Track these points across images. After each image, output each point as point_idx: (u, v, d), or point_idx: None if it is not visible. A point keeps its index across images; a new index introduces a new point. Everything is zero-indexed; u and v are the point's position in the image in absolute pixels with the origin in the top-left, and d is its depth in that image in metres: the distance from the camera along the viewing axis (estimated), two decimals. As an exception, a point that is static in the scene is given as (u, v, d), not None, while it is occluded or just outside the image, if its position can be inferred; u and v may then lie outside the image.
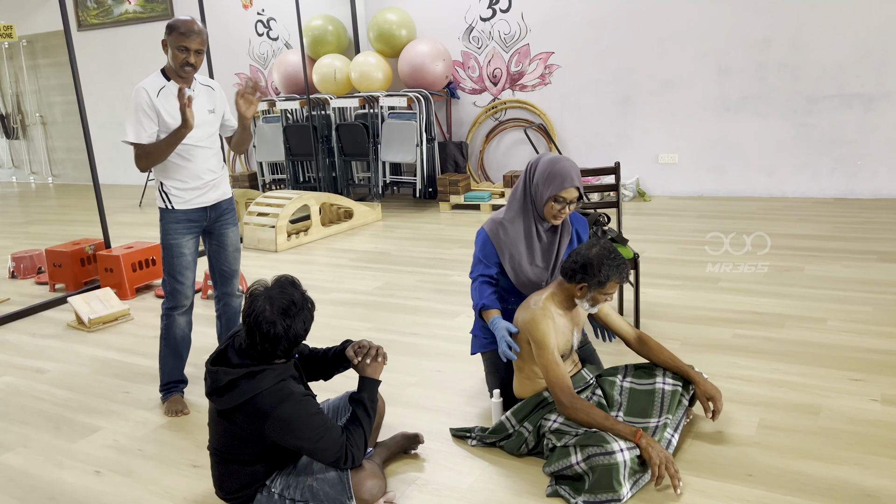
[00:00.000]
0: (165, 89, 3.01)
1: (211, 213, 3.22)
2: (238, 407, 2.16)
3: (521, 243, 2.83)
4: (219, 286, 3.37)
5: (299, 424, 2.15)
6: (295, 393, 2.18)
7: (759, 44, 6.40)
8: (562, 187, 2.72)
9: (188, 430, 2.99)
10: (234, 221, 3.32)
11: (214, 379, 2.19)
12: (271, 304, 2.15)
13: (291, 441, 2.16)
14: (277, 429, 2.14)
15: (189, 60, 2.98)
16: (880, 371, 3.05)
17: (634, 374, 2.73)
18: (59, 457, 2.84)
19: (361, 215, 6.77)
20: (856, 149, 6.27)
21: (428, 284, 4.72)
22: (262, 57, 8.93)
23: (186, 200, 3.12)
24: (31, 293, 5.23)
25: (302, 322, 2.18)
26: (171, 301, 3.18)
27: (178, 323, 3.21)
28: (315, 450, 2.18)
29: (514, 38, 7.43)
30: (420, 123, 7.19)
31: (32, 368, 3.78)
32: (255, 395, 2.14)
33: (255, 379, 2.16)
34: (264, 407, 2.14)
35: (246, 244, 6.17)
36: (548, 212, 2.79)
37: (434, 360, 3.50)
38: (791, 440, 2.57)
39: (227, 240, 3.29)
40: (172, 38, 2.97)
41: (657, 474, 2.28)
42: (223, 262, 3.32)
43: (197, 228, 3.18)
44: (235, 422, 2.19)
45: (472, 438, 2.70)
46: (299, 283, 2.27)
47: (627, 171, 7.12)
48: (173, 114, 3.00)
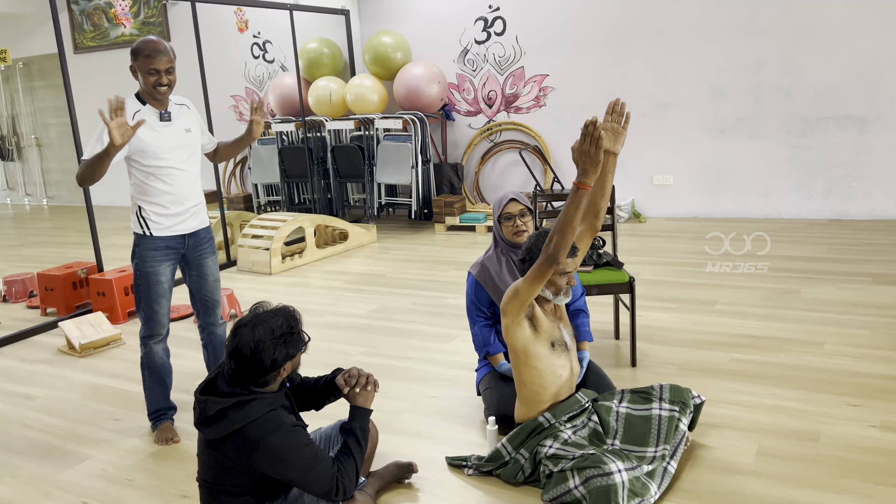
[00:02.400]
0: (140, 114, 2.94)
1: (189, 240, 3.11)
2: (227, 437, 2.12)
3: (503, 273, 3.02)
4: (202, 316, 3.26)
5: (289, 455, 2.11)
6: (285, 423, 2.14)
7: (753, 66, 6.44)
8: (502, 206, 3.05)
9: (178, 459, 2.94)
10: (213, 251, 3.21)
11: (203, 408, 2.15)
12: (253, 329, 2.12)
13: (281, 472, 2.12)
14: (267, 460, 2.10)
15: (161, 81, 2.92)
16: (878, 396, 3.02)
17: (631, 399, 2.70)
18: (47, 487, 2.78)
19: (356, 237, 6.75)
20: (850, 170, 6.29)
21: (423, 307, 4.69)
22: (258, 79, 8.95)
23: (165, 227, 3.02)
24: (22, 317, 5.18)
25: (284, 350, 2.14)
26: (148, 329, 3.09)
27: (156, 351, 3.13)
28: (305, 481, 2.14)
29: (509, 60, 7.47)
30: (415, 145, 7.19)
31: (21, 395, 3.73)
32: (245, 424, 2.10)
33: (244, 409, 2.12)
34: (254, 437, 2.10)
35: (240, 266, 6.14)
36: (507, 233, 3.07)
37: (429, 386, 3.46)
38: (790, 468, 2.53)
39: (206, 270, 3.18)
40: (140, 62, 2.89)
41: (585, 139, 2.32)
42: (204, 292, 3.21)
43: (175, 255, 3.08)
44: (224, 452, 2.14)
45: (469, 467, 2.66)
46: (294, 314, 2.22)
47: (622, 193, 7.13)
48: (144, 140, 2.91)
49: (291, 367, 2.23)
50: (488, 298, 3.04)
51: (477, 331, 3.07)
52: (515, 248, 3.06)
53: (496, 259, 3.07)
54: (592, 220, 2.73)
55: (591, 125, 2.29)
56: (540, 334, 2.61)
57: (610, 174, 2.65)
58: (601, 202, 2.70)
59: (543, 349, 2.61)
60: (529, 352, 2.59)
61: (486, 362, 3.11)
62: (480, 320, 3.06)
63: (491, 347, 3.04)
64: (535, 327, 2.60)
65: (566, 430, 2.56)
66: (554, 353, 2.63)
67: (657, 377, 3.35)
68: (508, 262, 3.05)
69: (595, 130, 2.29)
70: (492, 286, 3.02)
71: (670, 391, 2.66)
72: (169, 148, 2.98)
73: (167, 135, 2.99)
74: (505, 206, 3.05)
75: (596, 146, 2.31)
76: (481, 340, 3.06)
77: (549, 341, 2.62)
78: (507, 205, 3.05)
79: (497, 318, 3.08)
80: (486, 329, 3.05)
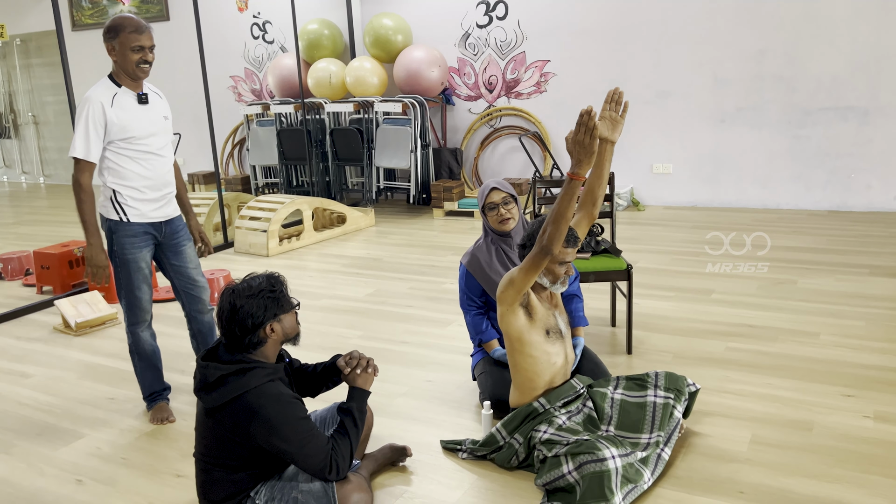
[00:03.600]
0: (118, 96, 2.86)
1: (165, 228, 3.04)
2: (226, 405, 2.13)
3: (493, 263, 3.03)
4: (187, 305, 3.17)
5: (285, 426, 2.11)
6: (284, 394, 2.16)
7: (755, 55, 6.41)
8: (485, 196, 3.04)
9: (173, 438, 2.94)
10: (189, 237, 3.13)
11: (204, 375, 2.16)
12: (234, 290, 2.18)
13: (276, 444, 2.12)
14: (263, 429, 2.11)
15: (146, 58, 2.84)
16: (873, 387, 3.03)
17: (626, 385, 2.70)
18: (41, 464, 2.78)
19: (354, 221, 6.74)
20: (850, 162, 6.28)
21: (420, 292, 4.69)
22: (257, 60, 8.89)
23: (143, 213, 2.94)
24: (18, 295, 5.17)
25: (263, 307, 2.15)
26: (132, 317, 3.04)
27: (143, 338, 3.09)
28: (299, 455, 2.13)
29: (511, 45, 7.42)
30: (415, 129, 7.16)
31: (17, 373, 3.72)
32: (244, 392, 2.12)
33: (244, 376, 2.13)
34: (252, 405, 2.10)
35: (237, 248, 6.13)
36: (493, 222, 3.05)
37: (425, 370, 3.46)
38: (783, 457, 2.54)
39: (186, 256, 3.10)
40: (122, 38, 2.79)
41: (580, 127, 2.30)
42: (186, 280, 3.12)
43: (153, 241, 3.01)
44: (222, 421, 2.15)
45: (463, 451, 2.67)
46: (278, 277, 2.25)
47: (621, 181, 7.11)
48: (127, 124, 2.85)
49: (282, 332, 2.23)
50: (479, 288, 3.06)
51: (470, 319, 3.10)
52: (505, 237, 3.07)
53: (486, 248, 3.07)
54: (590, 207, 2.72)
55: (586, 115, 2.28)
56: (535, 322, 2.60)
57: (607, 162, 2.64)
58: (598, 190, 2.69)
59: (538, 337, 2.61)
60: (524, 339, 2.59)
61: (481, 348, 3.12)
62: (473, 309, 3.09)
63: (484, 335, 3.06)
64: (530, 315, 2.60)
65: (561, 416, 2.56)
66: (548, 341, 2.63)
67: (653, 365, 3.36)
68: (498, 250, 3.05)
69: (590, 120, 2.28)
70: (482, 276, 3.03)
71: (665, 378, 2.66)
72: (149, 133, 2.93)
73: (146, 120, 2.92)
74: (488, 196, 3.04)
75: (590, 136, 2.30)
76: (474, 329, 3.09)
77: (543, 329, 2.62)
78: (489, 194, 3.03)
79: (489, 307, 3.10)
80: (478, 318, 3.08)
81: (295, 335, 2.30)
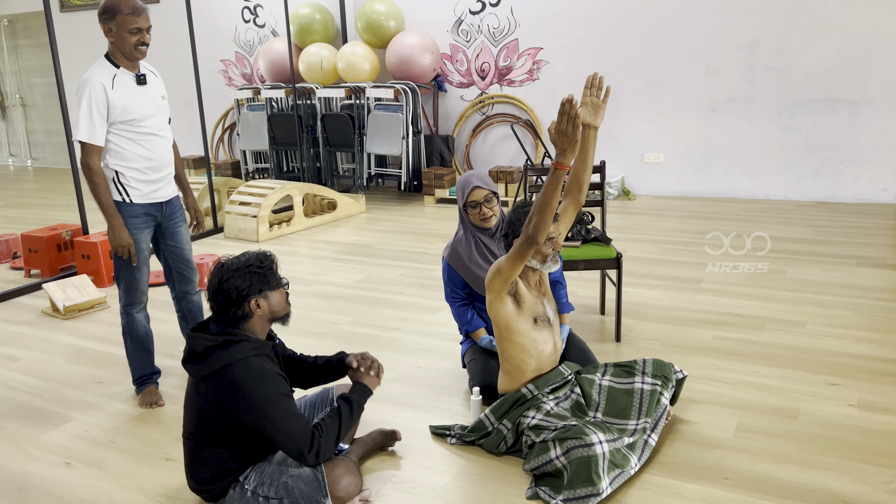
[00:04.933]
0: (118, 77, 2.88)
1: (165, 208, 3.08)
2: (210, 376, 2.15)
3: (473, 255, 3.01)
4: (178, 286, 3.21)
5: (267, 402, 2.12)
6: (267, 369, 2.17)
7: (747, 46, 6.42)
8: (465, 193, 2.97)
9: (162, 422, 2.94)
10: (183, 219, 3.19)
11: (191, 345, 2.19)
12: (223, 264, 2.23)
13: (257, 419, 2.12)
14: (245, 404, 2.11)
15: (143, 40, 2.87)
16: (857, 376, 3.06)
17: (614, 372, 2.72)
18: (29, 447, 2.78)
19: (345, 207, 6.72)
20: (839, 153, 6.31)
21: (410, 279, 4.69)
22: (248, 44, 8.83)
23: (145, 194, 2.98)
24: (6, 278, 5.14)
25: (249, 281, 2.18)
26: (129, 298, 3.06)
27: (138, 320, 3.11)
28: (280, 433, 2.13)
29: (503, 32, 7.40)
30: (406, 116, 7.14)
31: (4, 356, 3.71)
32: (228, 364, 2.13)
33: (230, 349, 2.15)
34: (235, 379, 2.12)
35: (227, 233, 6.11)
36: (474, 219, 3.01)
37: (414, 356, 3.47)
38: (768, 444, 2.57)
39: (180, 238, 3.15)
40: (119, 20, 2.81)
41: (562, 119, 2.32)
42: (180, 261, 3.17)
43: (152, 223, 3.05)
44: (206, 396, 2.16)
45: (452, 436, 2.68)
46: (268, 255, 2.27)
47: (612, 170, 7.12)
48: (129, 107, 2.87)
49: (269, 309, 2.24)
50: (462, 280, 3.06)
51: (455, 311, 3.12)
52: (484, 230, 3.05)
53: (465, 241, 3.04)
54: (576, 194, 2.72)
55: (568, 104, 2.28)
56: (523, 310, 2.61)
57: (591, 149, 2.64)
58: (583, 176, 2.69)
59: (526, 325, 2.62)
60: (512, 327, 2.60)
61: (468, 337, 3.14)
62: (457, 301, 3.11)
63: (470, 325, 3.07)
64: (518, 303, 2.61)
65: (549, 402, 2.58)
66: (536, 329, 2.64)
67: (641, 352, 3.38)
68: (477, 243, 3.03)
69: (571, 109, 2.28)
70: (463, 268, 3.03)
71: (653, 365, 2.68)
72: (149, 114, 2.95)
73: (145, 101, 2.94)
74: (469, 194, 2.97)
75: (573, 125, 2.30)
76: (460, 320, 3.10)
77: (531, 317, 2.63)
78: (471, 192, 2.97)
79: (474, 298, 3.11)
80: (462, 308, 3.09)
81: (284, 315, 2.31)
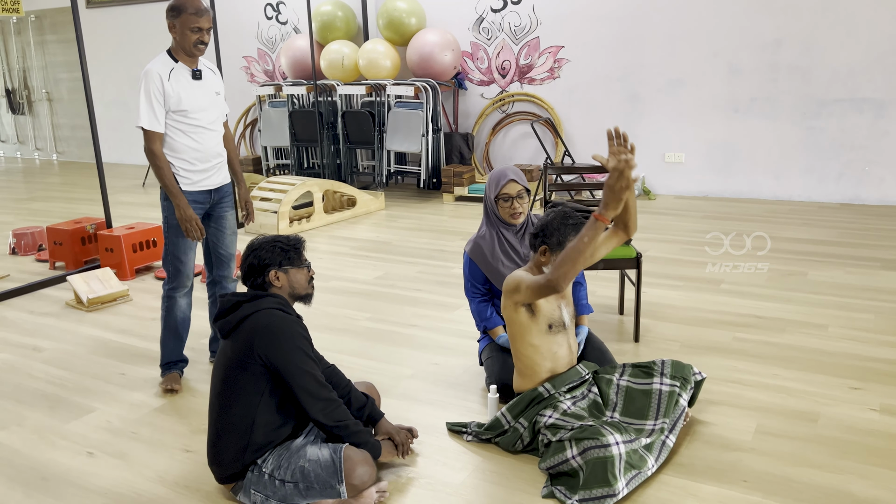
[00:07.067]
0: (175, 71, 3.04)
1: (214, 195, 3.24)
2: (237, 325, 2.28)
3: (495, 251, 3.00)
4: (215, 269, 3.36)
5: (287, 339, 2.25)
6: (292, 317, 2.33)
7: (771, 45, 6.35)
8: (500, 185, 2.96)
9: (183, 414, 2.98)
10: (232, 205, 3.34)
11: (222, 304, 2.34)
12: (257, 238, 2.43)
13: (279, 355, 2.23)
14: (266, 341, 2.23)
15: (203, 40, 3.03)
16: (880, 380, 3.03)
17: (632, 373, 2.71)
18: (53, 437, 2.83)
19: (364, 204, 6.75)
20: (864, 154, 6.23)
21: (428, 276, 4.70)
22: (271, 41, 8.88)
23: (194, 182, 3.13)
24: (31, 270, 5.22)
25: (272, 254, 2.37)
26: (173, 282, 3.21)
27: (180, 305, 3.24)
28: (299, 373, 2.24)
29: (525, 30, 7.38)
30: (426, 113, 7.15)
31: (29, 346, 3.77)
32: (254, 311, 2.29)
33: (257, 301, 2.32)
34: (260, 320, 2.27)
35: (248, 229, 6.15)
36: (503, 213, 2.99)
37: (432, 353, 3.48)
38: (788, 447, 2.55)
39: (225, 222, 3.30)
40: (183, 19, 2.98)
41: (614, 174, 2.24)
42: (220, 245, 3.32)
43: (201, 210, 3.20)
44: (234, 346, 2.27)
45: (468, 434, 2.69)
46: (300, 238, 2.47)
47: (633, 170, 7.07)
48: (183, 96, 3.03)
49: (288, 284, 2.40)
50: (483, 276, 3.05)
51: (474, 307, 3.10)
52: (509, 225, 3.03)
53: (488, 237, 3.03)
54: (622, 233, 2.66)
55: (625, 163, 2.22)
56: (537, 318, 2.60)
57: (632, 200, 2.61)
58: (627, 217, 2.62)
59: (540, 330, 2.61)
60: (525, 333, 2.61)
61: (486, 334, 3.14)
62: (477, 297, 3.09)
63: (488, 322, 3.07)
64: (533, 312, 2.60)
65: (565, 401, 2.57)
66: (550, 334, 2.64)
67: (659, 353, 3.36)
68: (500, 239, 3.02)
69: (627, 168, 2.23)
70: (485, 264, 3.02)
71: (672, 367, 2.67)
72: (201, 108, 3.11)
73: (199, 95, 3.10)
74: (503, 187, 2.96)
75: (626, 187, 2.25)
76: (479, 316, 3.09)
77: (546, 324, 2.62)
78: (506, 185, 2.96)
79: (493, 294, 3.11)
80: (482, 305, 3.08)
81: (305, 295, 2.45)
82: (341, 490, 2.21)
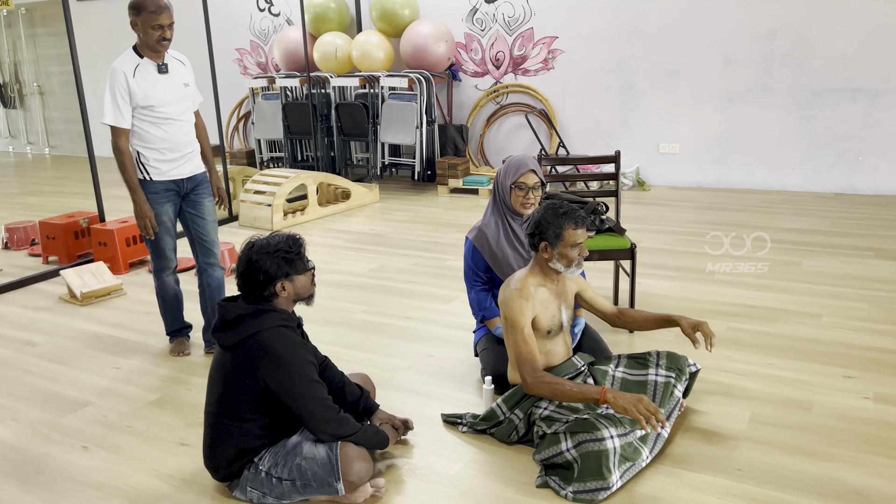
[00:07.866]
0: (140, 67, 3.12)
1: (186, 184, 3.33)
2: (239, 343, 2.22)
3: (500, 240, 3.00)
4: (200, 257, 3.44)
5: (294, 367, 2.20)
6: (296, 338, 2.27)
7: (766, 35, 6.35)
8: (519, 173, 2.93)
9: (177, 408, 2.98)
10: (209, 192, 3.43)
11: (222, 314, 2.27)
12: (253, 244, 2.30)
13: (285, 383, 2.19)
14: (272, 367, 2.19)
15: (165, 36, 3.10)
16: (873, 368, 3.04)
17: (627, 364, 2.72)
18: (48, 431, 2.82)
19: (359, 196, 6.74)
20: (858, 144, 6.24)
21: (423, 268, 4.70)
22: (263, 33, 8.84)
23: (163, 172, 3.24)
24: (24, 265, 5.20)
25: (276, 264, 2.26)
26: (158, 263, 3.38)
27: (168, 282, 3.43)
28: (304, 397, 2.21)
29: (519, 21, 7.36)
30: (420, 105, 7.13)
31: (23, 341, 3.76)
32: (258, 331, 2.22)
33: (259, 317, 2.24)
34: (264, 343, 2.21)
35: (241, 222, 6.14)
36: (515, 201, 2.97)
37: (427, 345, 3.48)
38: (782, 436, 2.56)
39: (203, 209, 3.38)
40: (143, 17, 3.05)
41: (636, 417, 2.22)
42: (202, 231, 3.40)
43: (174, 197, 3.30)
44: (234, 361, 2.22)
45: (463, 425, 2.69)
46: (297, 238, 2.34)
47: (627, 160, 7.08)
48: (148, 93, 3.12)
49: (294, 292, 2.32)
50: (485, 264, 3.04)
51: (473, 296, 3.09)
52: (517, 215, 3.03)
53: (494, 225, 3.02)
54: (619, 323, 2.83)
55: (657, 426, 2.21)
56: (537, 328, 2.59)
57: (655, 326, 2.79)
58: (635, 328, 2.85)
59: (539, 335, 2.61)
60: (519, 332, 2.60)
61: (483, 324, 3.13)
62: (477, 285, 3.08)
63: (487, 311, 3.06)
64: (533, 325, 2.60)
65: (561, 392, 2.57)
66: (548, 338, 2.64)
67: (654, 344, 3.37)
68: (506, 228, 3.01)
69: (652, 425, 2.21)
70: (489, 252, 3.01)
71: (667, 358, 2.68)
72: (168, 101, 3.19)
73: (166, 88, 3.18)
74: (522, 175, 2.93)
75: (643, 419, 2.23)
76: (478, 305, 3.08)
77: (545, 331, 2.61)
78: (525, 174, 2.93)
79: (494, 283, 3.09)
80: (482, 294, 3.07)
81: (308, 296, 2.39)
82: (338, 487, 2.21)
